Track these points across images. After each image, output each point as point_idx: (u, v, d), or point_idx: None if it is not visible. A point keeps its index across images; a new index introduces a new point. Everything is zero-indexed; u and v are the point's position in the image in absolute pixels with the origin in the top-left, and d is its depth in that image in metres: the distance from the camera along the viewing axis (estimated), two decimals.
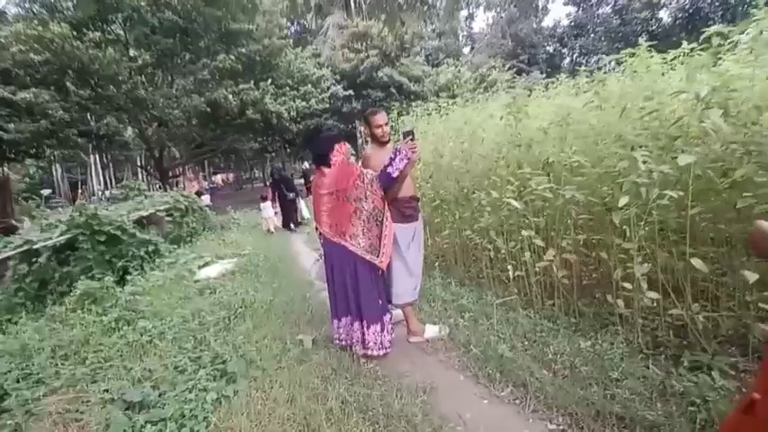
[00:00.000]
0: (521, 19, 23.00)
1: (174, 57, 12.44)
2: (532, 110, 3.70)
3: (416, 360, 2.91)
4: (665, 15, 19.71)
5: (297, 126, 15.12)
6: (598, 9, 23.25)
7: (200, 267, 6.23)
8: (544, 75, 19.76)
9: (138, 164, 20.19)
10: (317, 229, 3.13)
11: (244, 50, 12.51)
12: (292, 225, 9.45)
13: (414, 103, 12.74)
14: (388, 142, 3.13)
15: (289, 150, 29.26)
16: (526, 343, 2.84)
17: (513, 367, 2.54)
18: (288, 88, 13.99)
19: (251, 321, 3.63)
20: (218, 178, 39.53)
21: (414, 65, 18.51)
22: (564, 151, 3.04)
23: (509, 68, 19.29)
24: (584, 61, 23.67)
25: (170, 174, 16.51)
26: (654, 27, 19.87)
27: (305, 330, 3.46)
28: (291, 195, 9.60)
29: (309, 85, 14.44)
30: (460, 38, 26.21)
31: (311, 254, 6.77)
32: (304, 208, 10.26)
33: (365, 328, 2.94)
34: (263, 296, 4.37)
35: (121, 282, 5.72)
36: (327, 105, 16.58)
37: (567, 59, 25.80)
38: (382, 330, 2.94)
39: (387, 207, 2.86)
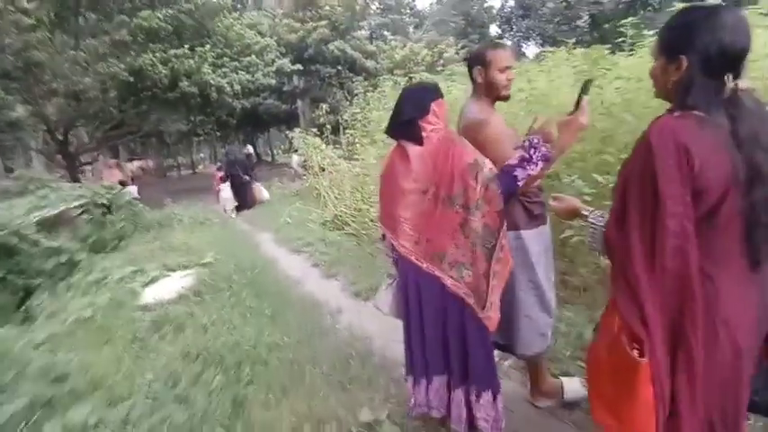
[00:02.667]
0: None
1: (77, 13, 9.89)
2: None
3: None
4: None
5: (240, 103, 13.05)
6: None
7: (144, 286, 4.55)
8: None
9: (34, 148, 16.37)
10: (383, 237, 1.88)
11: (171, 10, 10.28)
12: (245, 209, 9.40)
13: (380, 78, 11.46)
14: (508, 98, 1.94)
15: (219, 134, 26.38)
16: None
17: None
18: (227, 58, 11.88)
19: (268, 390, 2.27)
20: (135, 165, 34.95)
21: (364, 40, 17.08)
22: None
23: (461, 47, 18.60)
24: (527, 44, 23.81)
25: (79, 161, 13.60)
26: (597, 11, 20.26)
27: (364, 398, 2.19)
28: (246, 178, 9.51)
29: (253, 56, 12.43)
30: (406, 14, 25.04)
31: (291, 257, 5.35)
32: (263, 191, 9.98)
33: (473, 397, 1.75)
34: (262, 334, 2.98)
35: (24, 316, 3.94)
36: (274, 81, 14.60)
37: (510, 42, 25.80)
38: (495, 399, 1.77)
39: (503, 230, 1.64)
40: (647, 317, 0.96)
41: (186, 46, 10.43)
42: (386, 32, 24.50)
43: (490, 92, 1.87)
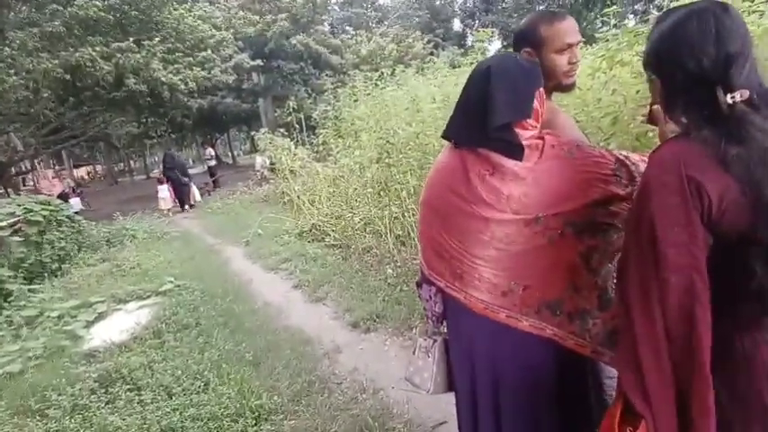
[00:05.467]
0: None
1: (3, 4, 8.58)
2: None
3: None
4: None
5: (197, 102, 11.95)
6: None
7: (88, 325, 3.76)
8: (462, 50, 19.11)
9: None
10: (420, 284, 1.32)
11: None
12: (186, 206, 10.69)
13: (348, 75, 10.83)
14: (572, 88, 1.40)
15: (174, 136, 24.80)
16: None
17: None
18: (180, 53, 10.73)
19: None
20: (83, 172, 32.43)
21: (327, 34, 16.32)
22: None
23: (427, 42, 18.21)
24: (491, 40, 23.69)
25: (11, 170, 12.06)
26: (556, 5, 20.45)
27: None
28: (185, 180, 10.73)
29: (209, 51, 11.36)
30: (367, 8, 24.31)
31: (268, 276, 4.67)
32: (196, 192, 11.33)
33: None
34: (245, 395, 2.34)
35: None
36: (233, 77, 13.53)
37: (471, 38, 25.77)
38: None
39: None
40: (650, 393, 0.80)
41: (131, 39, 9.28)
42: (348, 27, 23.77)
43: (546, 80, 1.29)
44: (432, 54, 16.99)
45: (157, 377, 2.62)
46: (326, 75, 13.70)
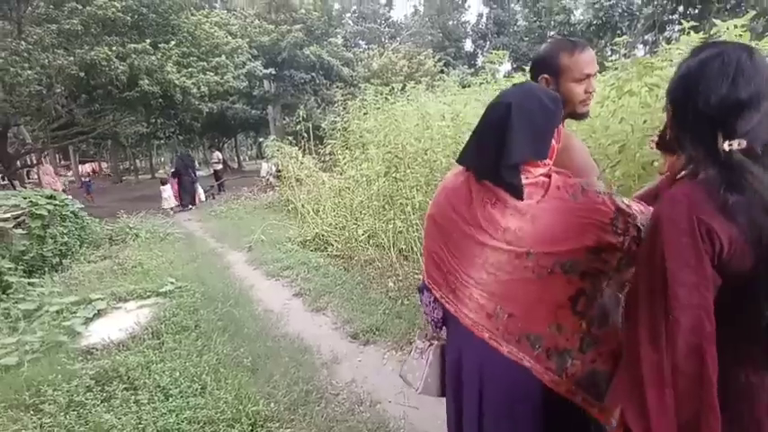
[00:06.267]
0: (449, 10, 22.36)
1: None
2: None
3: None
4: (579, 16, 20.65)
5: (207, 106, 12.09)
6: (515, 4, 23.68)
7: (87, 321, 3.75)
8: (472, 70, 19.34)
9: None
10: (422, 289, 1.35)
11: (131, 0, 9.28)
12: (190, 205, 11.37)
13: (361, 87, 10.96)
14: (585, 116, 1.42)
15: (182, 138, 24.98)
16: None
17: None
18: (195, 58, 10.89)
19: None
20: (87, 167, 32.56)
21: (340, 47, 16.56)
22: None
23: (438, 60, 18.46)
24: (501, 62, 23.95)
25: (18, 163, 12.13)
26: (567, 31, 20.75)
27: None
28: (194, 177, 11.76)
29: (223, 57, 11.52)
30: (381, 24, 24.67)
31: (269, 283, 4.67)
32: (201, 192, 12.16)
33: None
34: (242, 400, 2.32)
35: None
36: (246, 83, 13.69)
37: (482, 58, 26.10)
38: None
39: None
40: (653, 428, 0.81)
41: (148, 41, 9.42)
42: (361, 41, 24.12)
43: (564, 108, 1.32)
44: (442, 72, 17.21)
45: (155, 378, 2.60)
46: (337, 86, 13.83)
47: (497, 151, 1.07)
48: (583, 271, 1.06)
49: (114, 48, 9.13)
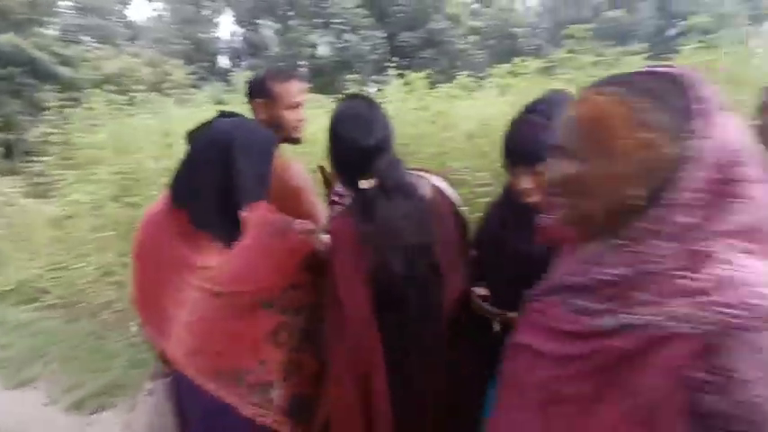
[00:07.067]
0: (200, 22, 20.77)
1: None
2: None
3: None
4: (323, 52, 22.91)
5: None
6: (266, 32, 24.38)
7: None
8: (230, 88, 18.63)
9: None
10: (147, 336, 1.30)
11: None
12: None
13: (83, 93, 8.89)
14: (299, 142, 1.57)
15: None
16: None
17: None
18: None
19: None
20: None
21: (55, 41, 13.15)
22: None
23: (191, 73, 17.03)
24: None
25: None
26: (316, 63, 22.76)
27: None
28: None
29: None
30: (113, 20, 20.90)
31: None
32: None
33: None
34: None
35: None
36: None
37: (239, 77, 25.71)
38: None
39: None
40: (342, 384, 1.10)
41: None
42: (85, 37, 19.90)
43: (277, 133, 1.43)
44: (195, 86, 15.97)
45: None
46: (52, 89, 10.94)
47: (218, 193, 1.05)
48: (283, 306, 1.11)
49: None
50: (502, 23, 23.73)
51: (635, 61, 2.99)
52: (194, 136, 1.10)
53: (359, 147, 0.99)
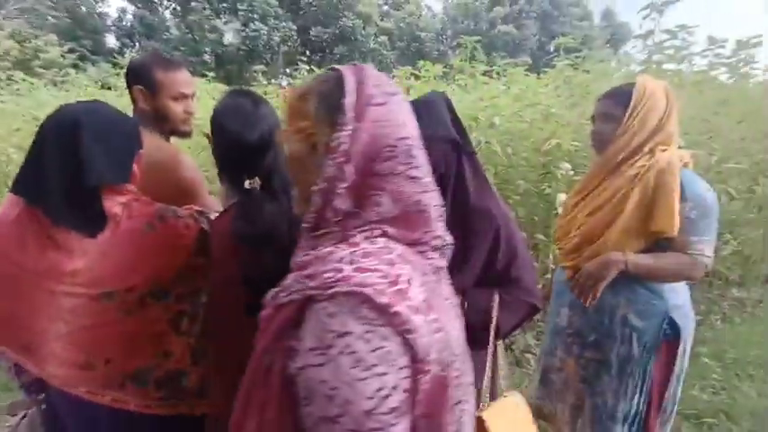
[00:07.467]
0: None
1: None
2: None
3: None
4: (229, 39, 21.71)
5: None
6: (164, 12, 22.28)
7: None
8: (118, 71, 16.66)
9: None
10: (3, 364, 1.12)
11: None
12: None
13: None
14: (188, 135, 1.47)
15: None
16: None
17: None
18: None
19: None
20: None
21: None
22: None
23: (69, 50, 14.88)
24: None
25: None
26: (221, 50, 21.47)
27: None
28: None
29: None
30: None
31: None
32: None
33: None
34: None
35: None
36: None
37: (130, 56, 23.19)
38: None
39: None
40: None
41: None
42: None
43: (162, 124, 1.38)
44: (76, 67, 14.02)
45: None
46: None
47: (67, 175, 0.93)
48: (177, 294, 1.07)
49: None
50: (410, 27, 24.64)
51: (519, 72, 3.36)
52: (42, 124, 0.97)
53: (242, 142, 0.94)
